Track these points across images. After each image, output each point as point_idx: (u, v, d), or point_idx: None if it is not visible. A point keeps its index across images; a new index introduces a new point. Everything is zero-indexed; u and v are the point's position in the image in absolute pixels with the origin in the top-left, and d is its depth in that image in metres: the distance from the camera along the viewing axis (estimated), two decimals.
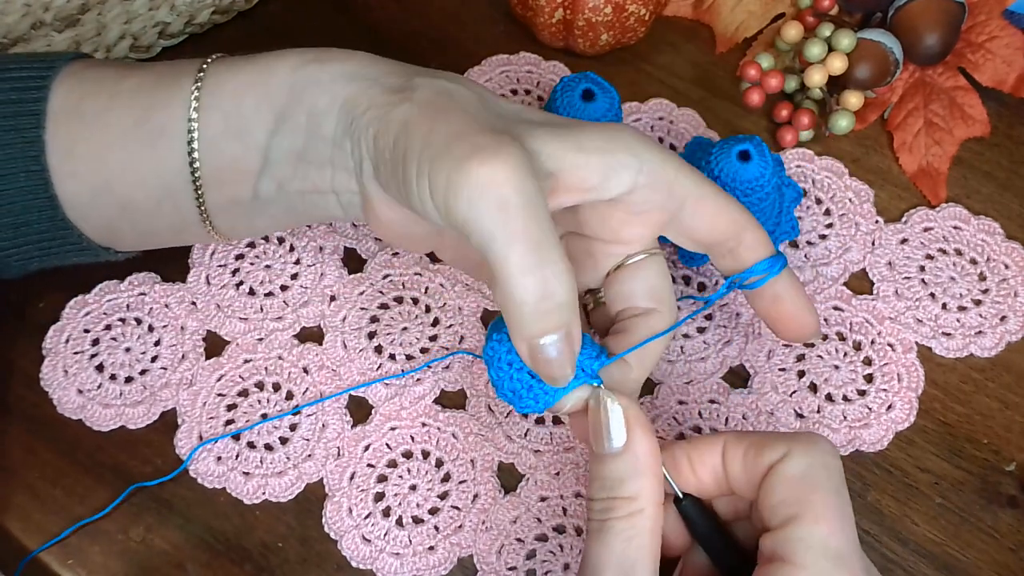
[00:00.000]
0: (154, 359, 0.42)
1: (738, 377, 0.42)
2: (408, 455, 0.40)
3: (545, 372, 0.30)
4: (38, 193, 0.35)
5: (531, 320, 0.29)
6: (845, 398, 0.41)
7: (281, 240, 0.45)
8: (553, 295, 0.29)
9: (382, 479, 0.40)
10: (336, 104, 0.34)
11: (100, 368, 0.42)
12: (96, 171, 0.36)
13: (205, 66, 0.36)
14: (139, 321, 0.43)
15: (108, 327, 0.43)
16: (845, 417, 0.41)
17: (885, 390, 0.41)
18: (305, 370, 0.42)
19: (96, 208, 0.37)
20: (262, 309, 0.43)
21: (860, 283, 0.44)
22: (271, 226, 0.40)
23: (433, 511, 0.39)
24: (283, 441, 0.40)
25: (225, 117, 0.35)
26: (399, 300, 0.43)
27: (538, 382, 0.32)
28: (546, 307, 0.29)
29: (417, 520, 0.39)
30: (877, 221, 0.46)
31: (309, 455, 0.40)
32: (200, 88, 0.35)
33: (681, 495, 0.31)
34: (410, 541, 0.38)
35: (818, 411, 0.41)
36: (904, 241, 0.45)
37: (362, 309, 0.43)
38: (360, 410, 0.41)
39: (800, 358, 0.42)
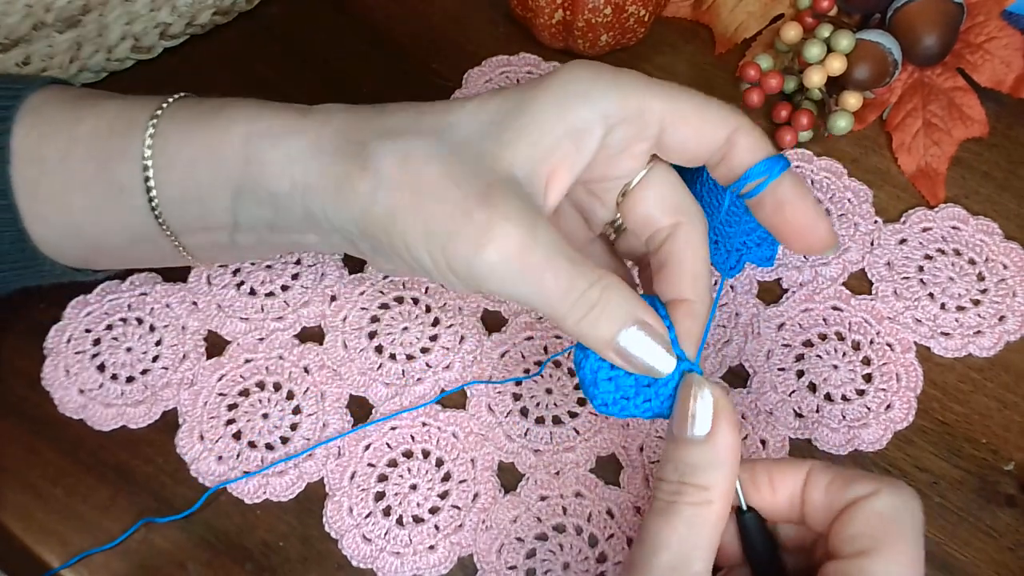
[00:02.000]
0: (155, 359, 0.42)
1: (737, 377, 0.42)
2: (408, 454, 0.40)
3: (642, 365, 0.31)
4: (8, 226, 0.35)
5: (600, 333, 0.31)
6: (844, 398, 0.41)
7: None
8: (608, 302, 0.30)
9: (382, 478, 0.40)
10: (297, 190, 0.33)
11: (101, 368, 0.42)
12: (63, 215, 0.36)
13: (155, 120, 0.34)
14: (140, 321, 0.43)
15: (109, 327, 0.43)
16: (844, 417, 0.41)
17: (884, 390, 0.42)
18: (306, 370, 0.42)
19: (68, 247, 0.37)
20: (263, 309, 0.43)
21: (859, 283, 0.45)
22: (260, 258, 0.40)
23: (433, 510, 0.39)
24: (284, 440, 0.40)
25: (181, 183, 0.34)
26: (399, 300, 0.44)
27: (642, 385, 0.32)
28: (606, 314, 0.30)
29: (417, 519, 0.39)
30: (876, 221, 0.46)
31: (310, 454, 0.40)
32: (152, 149, 0.34)
33: (745, 507, 0.31)
34: (410, 540, 0.38)
35: (817, 411, 0.41)
36: (903, 241, 0.46)
37: (363, 309, 0.43)
38: (360, 409, 0.41)
39: (799, 358, 0.42)
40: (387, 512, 0.39)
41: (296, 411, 0.41)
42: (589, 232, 0.37)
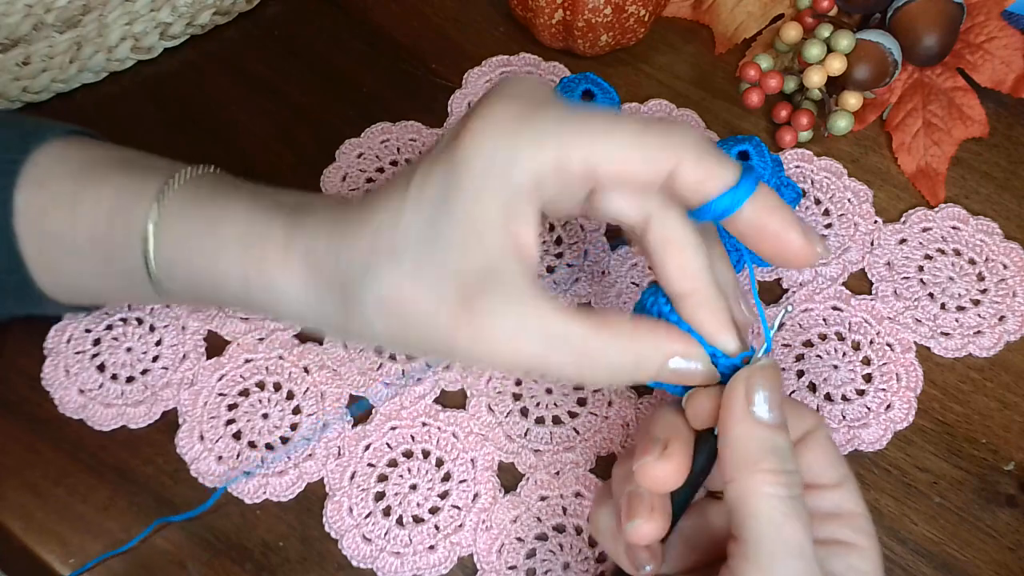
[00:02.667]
0: (155, 359, 0.42)
1: None
2: (408, 454, 0.40)
3: (690, 383, 0.31)
4: (12, 271, 0.36)
5: (642, 379, 0.31)
6: (844, 398, 0.41)
7: None
8: (637, 365, 0.31)
9: (382, 478, 0.40)
10: (295, 316, 0.34)
11: (101, 368, 0.42)
12: (68, 279, 0.37)
13: (152, 226, 0.34)
14: (140, 321, 0.43)
15: (109, 327, 0.43)
16: (844, 417, 0.41)
17: (884, 390, 0.42)
18: (306, 370, 0.42)
19: (72, 297, 0.39)
20: None
21: (859, 283, 0.44)
22: None
23: (433, 510, 0.39)
24: (284, 441, 0.40)
25: (187, 280, 0.35)
26: None
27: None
28: (640, 371, 0.31)
29: (417, 519, 0.39)
30: (876, 221, 0.46)
31: (310, 454, 0.40)
32: (153, 258, 0.35)
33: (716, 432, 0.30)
34: (410, 540, 0.38)
35: (817, 410, 0.41)
36: (903, 241, 0.46)
37: None
38: (360, 410, 0.41)
39: (799, 358, 0.42)
40: (387, 512, 0.39)
41: (296, 411, 0.41)
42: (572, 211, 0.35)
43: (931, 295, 0.44)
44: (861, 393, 0.42)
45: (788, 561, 0.28)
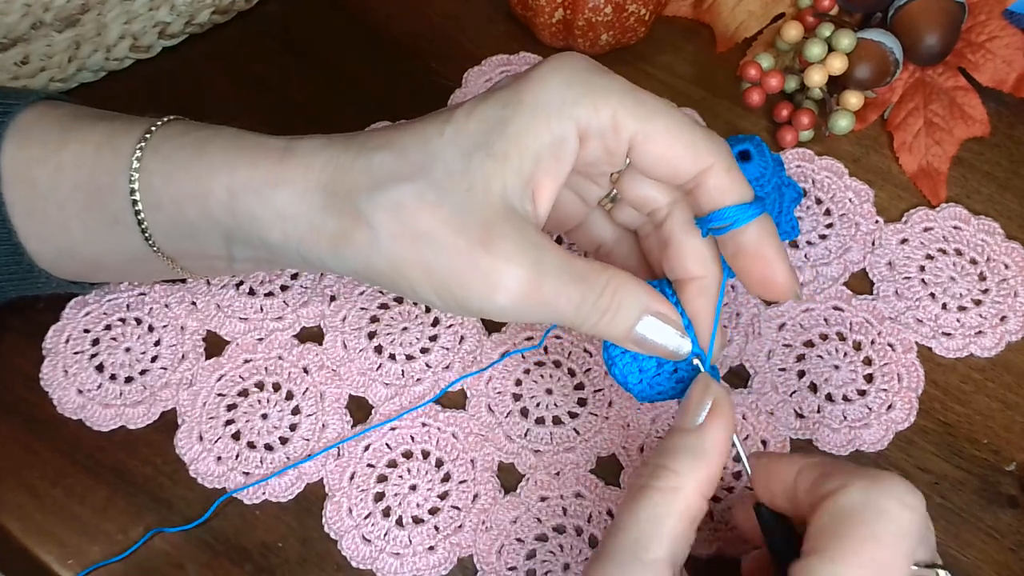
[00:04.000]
0: (154, 359, 0.42)
1: (738, 377, 0.42)
2: (408, 455, 0.40)
3: (661, 350, 0.32)
4: (3, 240, 0.35)
5: (616, 331, 0.32)
6: (845, 398, 0.41)
7: None
8: (619, 304, 0.32)
9: (382, 479, 0.40)
10: (291, 241, 0.32)
11: (100, 368, 0.42)
12: (58, 237, 0.36)
13: (140, 153, 0.34)
14: (139, 321, 0.43)
15: (108, 327, 0.42)
16: (845, 417, 0.41)
17: (885, 390, 0.41)
18: (305, 370, 0.42)
19: (64, 264, 0.37)
20: (262, 309, 0.43)
21: (860, 283, 0.44)
22: (261, 271, 0.41)
23: (433, 511, 0.39)
24: (283, 441, 0.40)
25: (172, 220, 0.34)
26: (399, 300, 0.43)
27: (668, 373, 0.34)
28: (619, 315, 0.32)
29: (417, 520, 0.39)
30: (877, 221, 0.46)
31: (309, 455, 0.40)
32: (139, 184, 0.34)
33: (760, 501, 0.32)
34: (410, 541, 0.38)
35: (818, 411, 0.41)
36: (904, 241, 0.45)
37: (362, 309, 0.43)
38: (360, 410, 0.41)
39: (800, 358, 0.42)
40: (387, 513, 0.39)
41: (295, 411, 0.41)
42: (585, 206, 0.37)
43: (932, 295, 0.44)
44: (862, 393, 0.41)
45: (612, 526, 0.30)
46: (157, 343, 0.42)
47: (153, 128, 0.35)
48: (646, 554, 0.29)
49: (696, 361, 0.33)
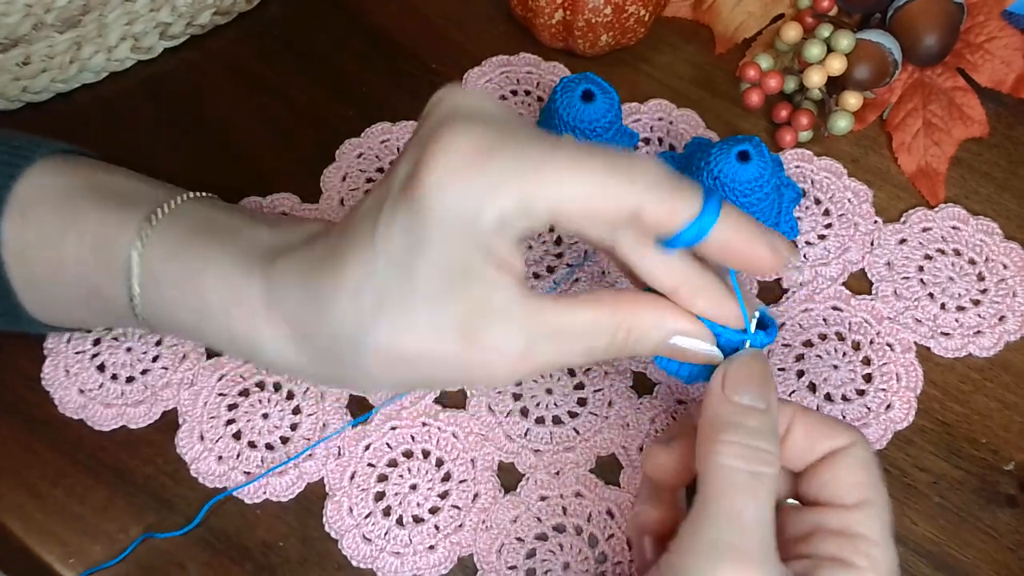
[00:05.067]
0: (155, 359, 0.42)
1: None
2: (408, 454, 0.40)
3: (693, 360, 0.32)
4: (2, 297, 0.36)
5: (644, 353, 0.32)
6: (844, 398, 0.41)
7: None
8: (637, 340, 0.31)
9: (382, 478, 0.40)
10: (284, 362, 0.33)
11: (101, 368, 0.42)
12: (56, 309, 0.37)
13: (135, 267, 0.34)
14: None
15: (109, 327, 0.43)
16: (844, 417, 0.41)
17: (884, 390, 0.42)
18: None
19: (62, 323, 0.39)
20: None
21: (859, 283, 0.44)
22: None
23: (433, 510, 0.39)
24: (284, 440, 0.40)
25: (173, 323, 0.35)
26: None
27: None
28: (640, 345, 0.31)
29: (417, 519, 0.39)
30: (876, 221, 0.46)
31: (310, 454, 0.40)
32: (139, 294, 0.34)
33: None
34: (410, 540, 0.38)
35: (817, 411, 0.41)
36: (903, 241, 0.45)
37: None
38: (360, 410, 0.41)
39: (799, 358, 0.42)
40: (387, 512, 0.39)
41: (296, 411, 0.41)
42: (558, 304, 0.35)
43: (931, 295, 0.44)
44: (861, 393, 0.42)
45: (721, 524, 0.28)
46: (158, 343, 0.42)
47: (143, 238, 0.34)
48: (773, 545, 0.29)
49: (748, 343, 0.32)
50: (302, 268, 0.32)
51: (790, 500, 0.33)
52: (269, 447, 0.40)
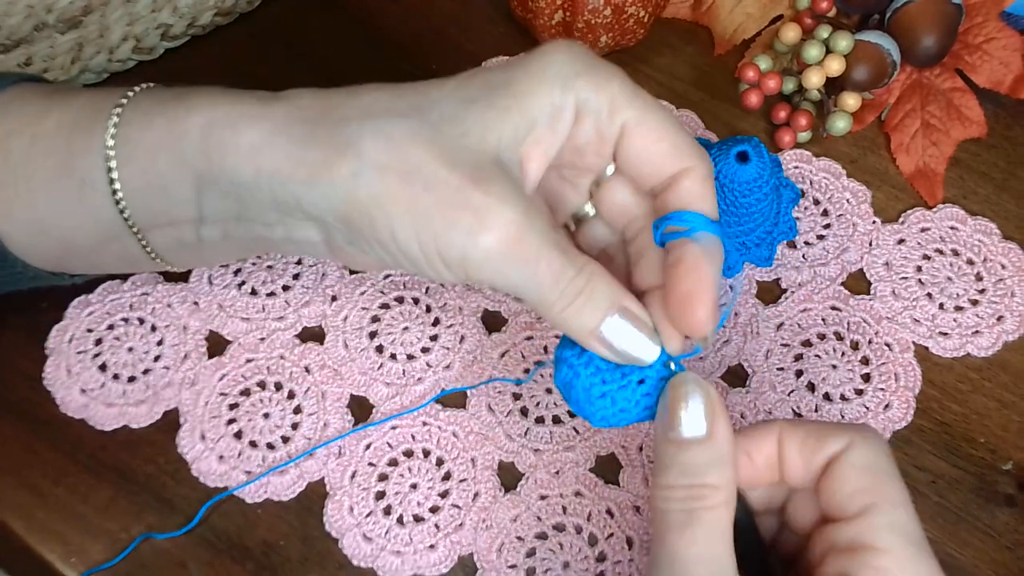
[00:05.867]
0: (157, 358, 0.42)
1: (736, 376, 0.42)
2: (409, 454, 0.40)
3: (628, 352, 0.30)
4: None
5: (584, 321, 0.30)
6: (843, 397, 0.42)
7: None
8: (593, 290, 0.30)
9: (383, 478, 0.40)
10: (264, 178, 0.31)
11: (103, 367, 0.42)
12: (28, 213, 0.35)
13: (119, 109, 0.33)
14: (142, 321, 0.43)
15: (111, 327, 0.43)
16: (843, 416, 0.41)
17: (882, 389, 0.42)
18: (307, 369, 0.42)
19: (36, 247, 0.36)
20: (264, 309, 0.43)
21: (858, 283, 0.45)
22: (228, 259, 0.39)
23: (434, 509, 0.39)
24: (285, 440, 0.41)
25: (143, 173, 0.33)
26: (400, 300, 0.44)
27: (624, 387, 0.31)
28: (591, 302, 0.30)
29: (418, 518, 0.39)
30: (875, 222, 0.46)
31: (311, 454, 0.40)
32: (115, 138, 0.33)
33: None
34: (411, 539, 0.38)
35: (816, 410, 0.41)
36: (901, 241, 0.46)
37: (363, 309, 0.43)
38: (361, 409, 0.41)
39: (798, 358, 0.43)
40: (387, 511, 0.39)
41: (297, 411, 0.41)
42: (554, 222, 0.36)
43: (929, 295, 0.44)
44: (859, 393, 0.42)
45: (663, 569, 0.28)
46: (160, 343, 0.42)
47: (136, 88, 0.34)
48: None
49: (672, 365, 0.31)
50: (317, 91, 0.32)
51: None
52: (270, 446, 0.40)
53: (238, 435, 0.41)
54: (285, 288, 0.44)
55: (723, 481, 0.29)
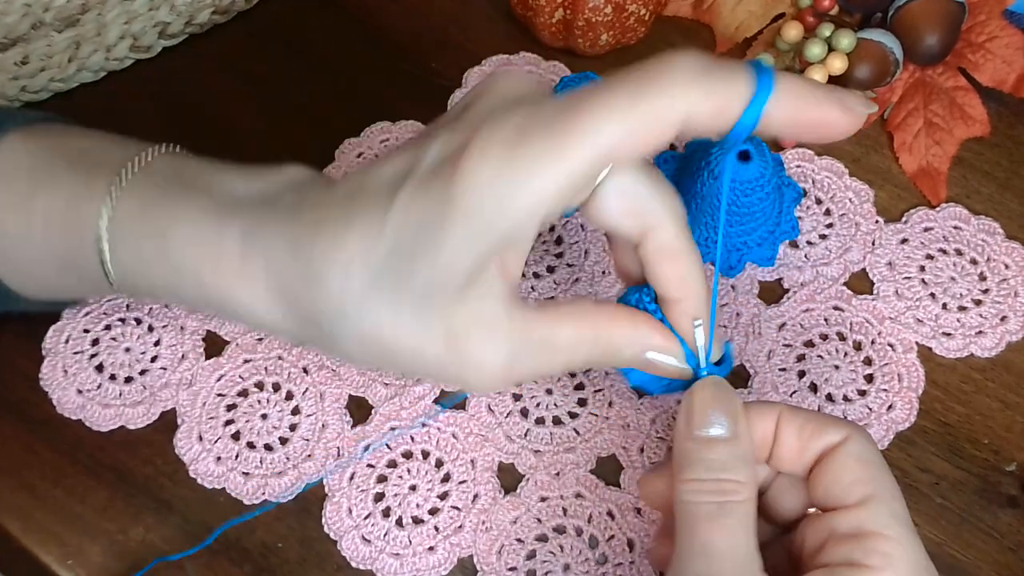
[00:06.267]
0: (154, 359, 0.42)
1: (738, 377, 0.42)
2: (408, 455, 0.40)
3: (664, 375, 0.33)
4: None
5: (619, 365, 0.33)
6: (845, 398, 0.41)
7: None
8: (612, 355, 0.32)
9: (382, 479, 0.40)
10: (259, 320, 0.32)
11: (100, 368, 0.42)
12: (32, 279, 0.37)
13: (104, 232, 0.33)
14: (139, 321, 0.43)
15: (108, 327, 0.42)
16: (845, 417, 0.41)
17: (885, 390, 0.41)
18: (305, 370, 0.42)
19: (40, 295, 0.38)
20: None
21: (860, 283, 0.44)
22: None
23: (433, 511, 0.39)
24: (283, 441, 0.40)
25: (147, 286, 0.34)
26: None
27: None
28: (617, 361, 0.33)
29: (417, 520, 0.39)
30: (877, 221, 0.46)
31: (309, 455, 0.40)
32: (110, 259, 0.34)
33: None
34: (410, 541, 0.38)
35: (818, 411, 0.41)
36: (904, 241, 0.45)
37: None
38: (360, 410, 0.41)
39: (800, 358, 0.42)
40: (386, 513, 0.39)
41: (295, 412, 0.41)
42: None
43: (932, 295, 0.44)
44: (862, 393, 0.41)
45: (695, 559, 0.29)
46: (157, 343, 0.42)
47: (111, 196, 0.33)
48: (759, 571, 0.29)
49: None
50: (291, 224, 0.30)
51: (812, 509, 0.33)
52: (268, 448, 0.40)
53: (236, 436, 0.40)
54: None
55: (747, 478, 0.30)
